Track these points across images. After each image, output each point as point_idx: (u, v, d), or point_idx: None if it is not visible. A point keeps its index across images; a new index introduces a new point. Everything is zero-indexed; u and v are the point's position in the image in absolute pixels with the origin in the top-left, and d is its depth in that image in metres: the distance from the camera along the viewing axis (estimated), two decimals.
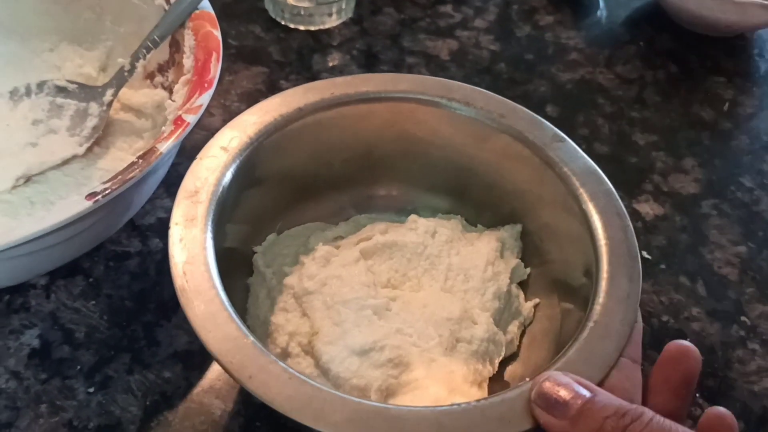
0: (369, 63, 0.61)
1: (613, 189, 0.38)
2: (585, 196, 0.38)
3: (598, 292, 0.34)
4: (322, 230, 0.43)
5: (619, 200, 0.38)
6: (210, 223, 0.34)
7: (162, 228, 0.47)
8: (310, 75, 0.59)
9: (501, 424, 0.28)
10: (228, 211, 0.37)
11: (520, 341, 0.40)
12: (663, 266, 0.48)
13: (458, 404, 0.29)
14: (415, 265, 0.40)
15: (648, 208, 0.51)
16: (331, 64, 0.61)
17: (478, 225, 0.44)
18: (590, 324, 0.32)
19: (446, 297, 0.39)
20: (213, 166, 0.36)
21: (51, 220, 0.34)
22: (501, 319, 0.40)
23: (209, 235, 0.34)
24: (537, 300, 0.41)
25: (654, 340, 0.44)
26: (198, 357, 0.41)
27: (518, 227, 0.43)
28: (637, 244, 0.36)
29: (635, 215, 0.50)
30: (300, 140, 0.41)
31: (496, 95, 0.42)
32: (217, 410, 0.39)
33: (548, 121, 0.41)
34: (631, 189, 0.52)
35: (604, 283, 0.34)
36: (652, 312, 0.45)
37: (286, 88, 0.57)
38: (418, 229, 0.41)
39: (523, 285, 0.42)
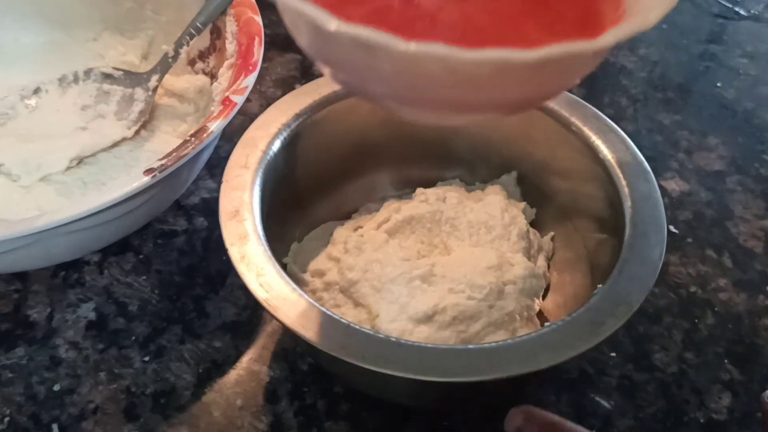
0: None
1: (600, 113, 0.41)
2: (578, 123, 0.41)
3: (624, 219, 0.37)
4: (340, 225, 0.44)
5: (609, 120, 0.41)
6: (262, 237, 0.35)
7: (206, 207, 0.49)
8: None
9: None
10: (266, 220, 0.38)
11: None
12: (690, 239, 0.49)
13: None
14: (437, 232, 0.42)
15: (674, 185, 0.53)
16: None
17: (476, 183, 0.46)
18: (625, 251, 0.35)
19: (478, 250, 0.41)
20: (240, 185, 0.37)
21: (111, 194, 0.36)
22: (530, 256, 0.42)
23: (265, 246, 0.35)
24: (552, 233, 0.44)
25: (682, 310, 0.45)
26: (246, 327, 0.43)
27: (513, 174, 0.46)
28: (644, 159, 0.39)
29: (662, 192, 0.51)
30: (302, 144, 0.42)
31: None
32: (266, 377, 0.41)
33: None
34: (656, 167, 0.53)
35: (628, 209, 0.37)
36: (680, 283, 0.46)
37: (319, 74, 0.60)
38: (428, 199, 0.43)
39: (533, 225, 0.45)
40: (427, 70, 0.21)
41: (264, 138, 0.39)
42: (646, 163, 0.39)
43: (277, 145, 0.39)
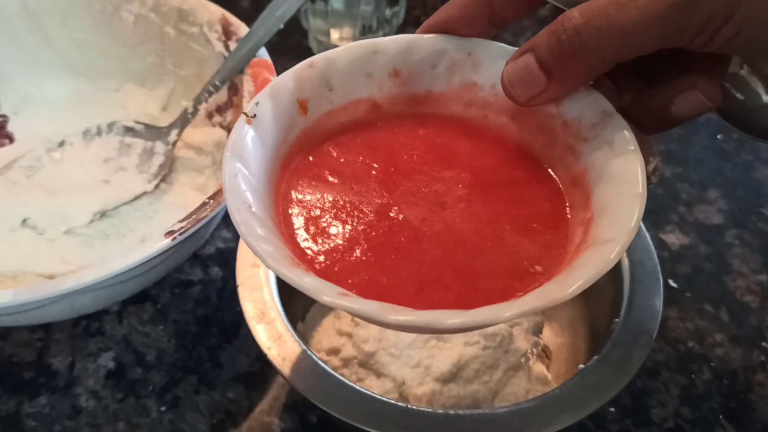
0: None
1: None
2: None
3: None
4: None
5: None
6: (293, 333, 0.37)
7: (221, 257, 0.51)
8: None
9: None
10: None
11: None
12: (688, 294, 0.51)
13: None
14: None
15: (674, 238, 0.54)
16: None
17: None
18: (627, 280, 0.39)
19: None
20: (257, 285, 0.39)
21: (136, 256, 0.38)
22: None
23: (299, 341, 0.36)
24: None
25: (680, 365, 0.47)
26: (258, 378, 0.45)
27: None
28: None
29: (662, 245, 0.53)
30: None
31: None
32: (277, 428, 0.43)
33: None
34: (657, 220, 0.55)
35: None
36: (678, 338, 0.48)
37: None
38: None
39: None
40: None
41: None
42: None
43: None
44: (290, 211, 0.29)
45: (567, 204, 0.29)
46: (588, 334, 0.43)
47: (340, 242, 0.28)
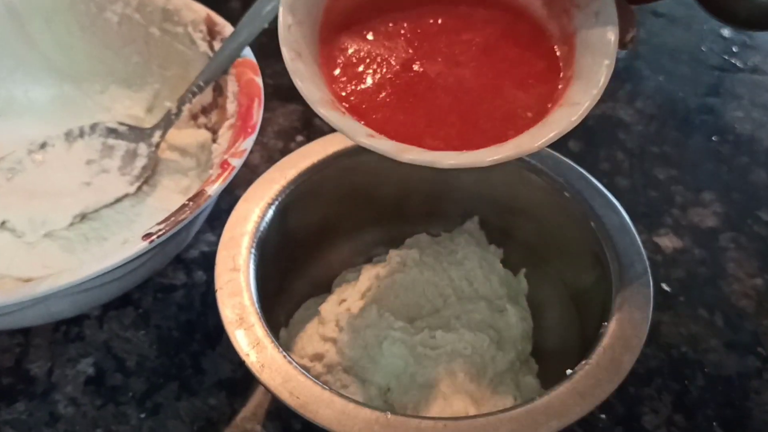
0: None
1: (553, 152, 0.44)
2: (535, 162, 0.44)
3: (601, 249, 0.40)
4: (322, 301, 0.44)
5: (561, 156, 0.44)
6: (272, 338, 0.35)
7: (205, 261, 0.50)
8: None
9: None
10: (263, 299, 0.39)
11: None
12: (682, 298, 0.50)
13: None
14: (421, 293, 0.43)
15: (668, 242, 0.53)
16: None
17: (442, 233, 0.48)
18: (616, 284, 0.39)
19: (469, 305, 0.42)
20: (236, 290, 0.37)
21: (111, 259, 0.37)
22: (514, 299, 0.44)
23: (279, 348, 0.35)
24: (523, 269, 0.46)
25: (673, 371, 0.46)
26: (241, 385, 0.44)
27: (476, 219, 0.48)
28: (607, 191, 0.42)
29: (655, 249, 0.52)
30: (273, 234, 0.42)
31: None
32: None
33: (570, 156, 0.44)
34: (651, 223, 0.54)
35: (605, 242, 0.40)
36: (671, 343, 0.47)
37: (320, 126, 0.61)
38: (406, 262, 0.44)
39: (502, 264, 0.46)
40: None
41: (243, 236, 0.40)
42: (610, 195, 0.42)
43: (255, 243, 0.40)
44: (332, 58, 0.34)
45: (560, 63, 0.34)
46: (577, 339, 0.42)
47: (370, 86, 0.33)
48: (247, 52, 0.50)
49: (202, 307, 0.48)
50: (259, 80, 0.48)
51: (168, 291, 0.48)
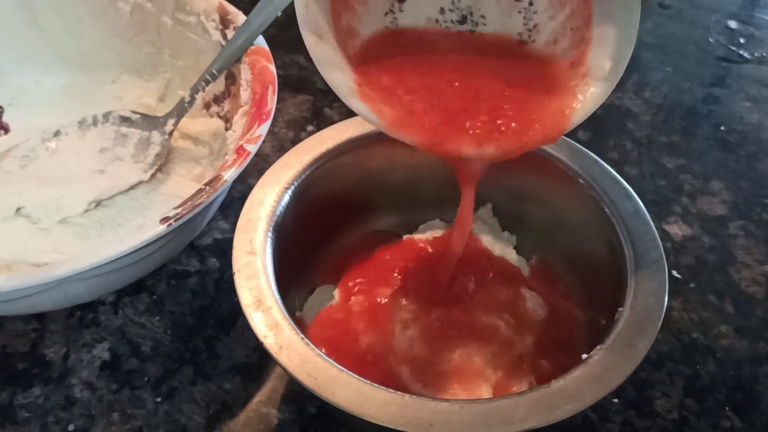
0: None
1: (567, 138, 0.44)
2: (549, 149, 0.44)
3: (617, 236, 0.40)
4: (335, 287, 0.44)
5: (577, 144, 0.44)
6: (290, 321, 0.36)
7: (218, 248, 0.50)
8: None
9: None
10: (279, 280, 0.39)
11: None
12: (692, 285, 0.50)
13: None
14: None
15: (677, 229, 0.53)
16: None
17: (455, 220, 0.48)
18: (630, 270, 0.39)
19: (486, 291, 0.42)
20: (253, 273, 0.37)
21: (130, 242, 0.38)
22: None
23: (297, 330, 0.35)
24: (535, 256, 0.47)
25: (684, 356, 0.46)
26: (255, 369, 0.44)
27: (489, 206, 0.48)
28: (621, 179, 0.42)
29: (665, 236, 0.53)
30: (292, 218, 0.42)
31: None
32: (275, 419, 0.42)
33: (580, 145, 0.44)
34: (660, 211, 0.54)
35: (621, 229, 0.40)
36: (682, 329, 0.47)
37: (330, 116, 0.61)
38: (418, 246, 0.45)
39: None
40: None
41: (259, 220, 0.40)
42: (624, 182, 0.42)
43: (272, 226, 0.40)
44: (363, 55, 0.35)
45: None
46: (585, 327, 0.42)
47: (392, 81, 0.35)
48: (260, 41, 0.50)
49: (215, 293, 0.48)
50: (272, 68, 0.48)
51: (182, 277, 0.49)
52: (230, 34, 0.51)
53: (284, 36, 0.68)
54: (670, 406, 0.43)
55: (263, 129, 0.44)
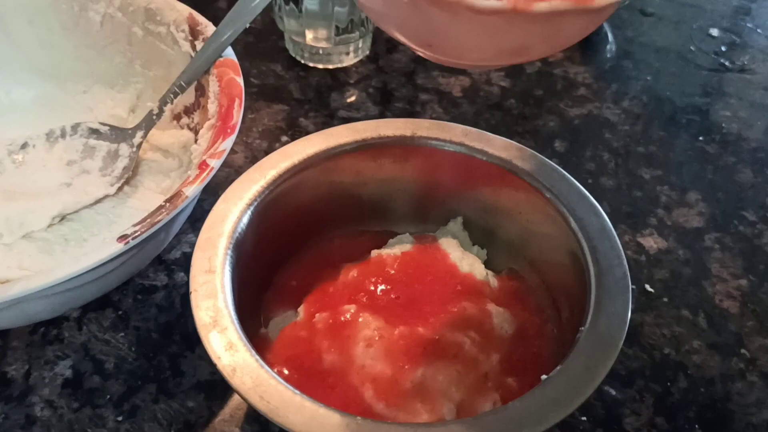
0: (384, 100, 0.63)
1: (535, 152, 0.44)
2: (517, 163, 0.43)
3: (582, 250, 0.40)
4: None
5: (544, 158, 0.43)
6: (247, 342, 0.35)
7: (187, 262, 0.50)
8: (328, 112, 0.62)
9: None
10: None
11: None
12: (665, 299, 0.49)
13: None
14: (403, 292, 0.42)
15: (652, 242, 0.53)
16: (348, 101, 0.63)
17: (425, 234, 0.47)
18: (594, 290, 0.38)
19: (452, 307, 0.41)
20: (211, 292, 0.37)
21: (85, 261, 0.37)
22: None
23: (252, 352, 0.34)
24: (505, 270, 0.46)
25: (655, 373, 0.45)
26: (220, 387, 0.43)
27: (459, 219, 0.48)
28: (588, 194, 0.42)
29: (639, 249, 0.52)
30: (251, 236, 0.42)
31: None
32: None
33: (556, 156, 0.44)
34: (635, 223, 0.54)
35: (585, 245, 0.40)
36: (654, 344, 0.47)
37: (306, 126, 0.61)
38: (387, 262, 0.44)
39: (486, 265, 0.45)
40: None
41: (220, 237, 0.39)
42: (592, 198, 0.42)
43: (232, 244, 0.39)
44: None
45: None
46: (555, 343, 0.42)
47: None
48: (229, 52, 0.49)
49: (182, 309, 0.47)
50: (240, 80, 0.48)
51: (149, 292, 0.48)
52: (200, 45, 0.50)
53: (261, 46, 0.68)
54: (639, 424, 0.43)
55: (228, 143, 0.43)
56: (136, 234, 0.38)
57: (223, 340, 0.35)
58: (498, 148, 0.44)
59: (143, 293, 0.48)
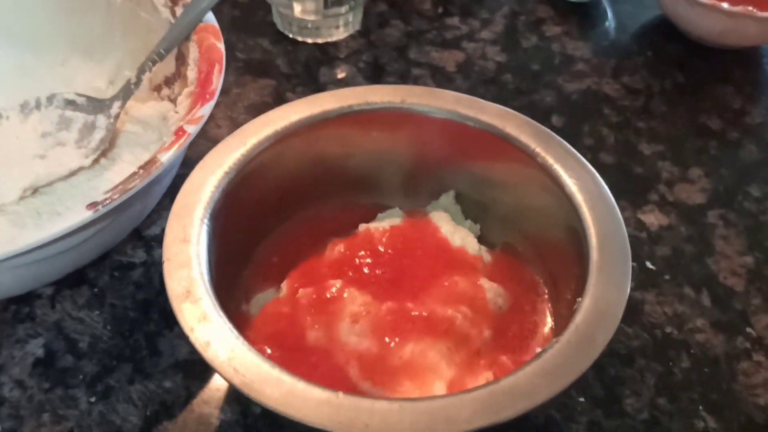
0: (375, 75, 0.61)
1: (530, 119, 0.42)
2: (513, 132, 0.41)
3: (580, 220, 0.37)
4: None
5: (540, 125, 0.41)
6: (221, 313, 0.33)
7: None
8: (316, 87, 0.60)
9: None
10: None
11: None
12: (667, 277, 0.47)
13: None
14: (392, 266, 0.40)
15: (653, 219, 0.51)
16: (338, 77, 0.61)
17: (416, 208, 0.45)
18: (594, 257, 0.35)
19: (444, 282, 0.39)
20: (185, 262, 0.35)
21: (52, 229, 0.35)
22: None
23: (228, 323, 0.33)
24: (500, 245, 0.44)
25: (657, 352, 0.43)
26: (198, 367, 0.41)
27: (451, 193, 0.45)
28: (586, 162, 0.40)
29: (640, 226, 0.50)
30: (231, 206, 0.39)
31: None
32: (216, 420, 0.39)
33: (553, 131, 0.41)
34: (636, 199, 0.52)
35: (583, 212, 0.37)
36: (655, 323, 0.45)
37: (292, 101, 0.58)
38: (374, 236, 0.41)
39: (480, 239, 0.43)
40: None
41: (196, 205, 0.37)
42: (589, 164, 0.39)
43: (209, 213, 0.37)
44: None
45: None
46: (551, 319, 0.39)
47: None
48: (210, 17, 0.47)
49: (161, 286, 0.45)
50: (221, 46, 0.45)
51: (126, 269, 0.46)
52: (179, 11, 0.48)
53: (248, 20, 0.66)
54: (640, 405, 0.41)
55: (206, 109, 0.41)
56: (107, 201, 0.36)
57: (197, 311, 0.33)
58: (492, 115, 0.42)
59: (120, 270, 0.46)
